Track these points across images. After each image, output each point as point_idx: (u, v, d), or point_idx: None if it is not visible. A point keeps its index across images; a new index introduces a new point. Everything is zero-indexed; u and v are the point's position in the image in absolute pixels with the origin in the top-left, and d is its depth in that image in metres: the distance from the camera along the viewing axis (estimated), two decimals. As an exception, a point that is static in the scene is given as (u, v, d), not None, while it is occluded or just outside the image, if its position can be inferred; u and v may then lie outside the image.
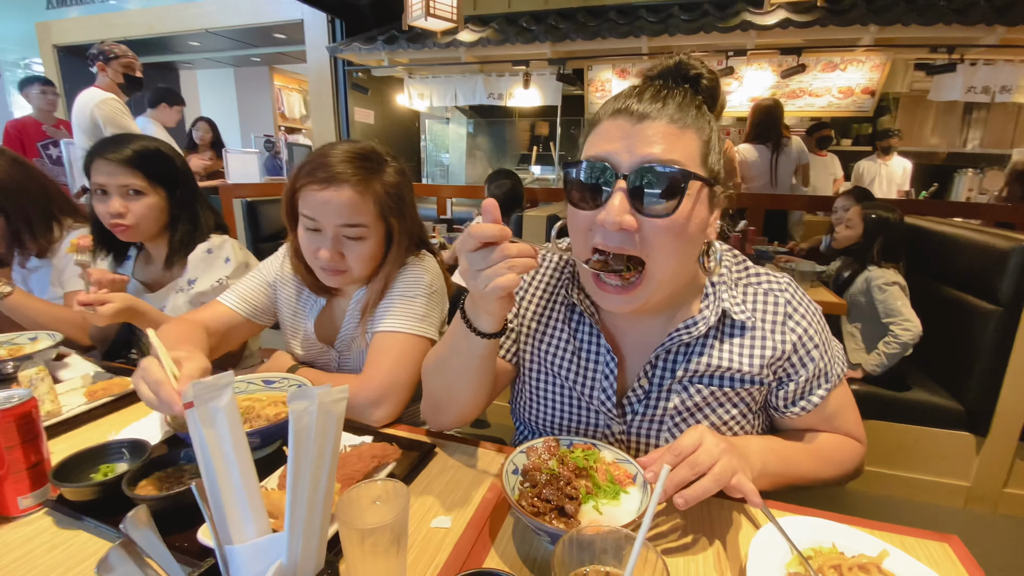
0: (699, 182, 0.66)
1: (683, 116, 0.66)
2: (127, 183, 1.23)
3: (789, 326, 0.77)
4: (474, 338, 0.71)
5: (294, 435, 0.39)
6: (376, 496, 0.56)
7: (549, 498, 0.63)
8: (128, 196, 1.24)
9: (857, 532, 0.67)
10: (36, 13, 7.04)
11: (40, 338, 1.22)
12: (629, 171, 0.64)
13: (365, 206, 0.96)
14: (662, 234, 0.65)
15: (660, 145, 0.64)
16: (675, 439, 0.76)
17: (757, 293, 0.79)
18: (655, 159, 0.63)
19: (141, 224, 1.26)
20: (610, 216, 0.63)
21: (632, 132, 0.65)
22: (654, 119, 0.65)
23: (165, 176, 1.29)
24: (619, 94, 0.70)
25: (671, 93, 0.68)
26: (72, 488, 0.70)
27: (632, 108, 0.66)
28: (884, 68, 4.05)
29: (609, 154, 0.65)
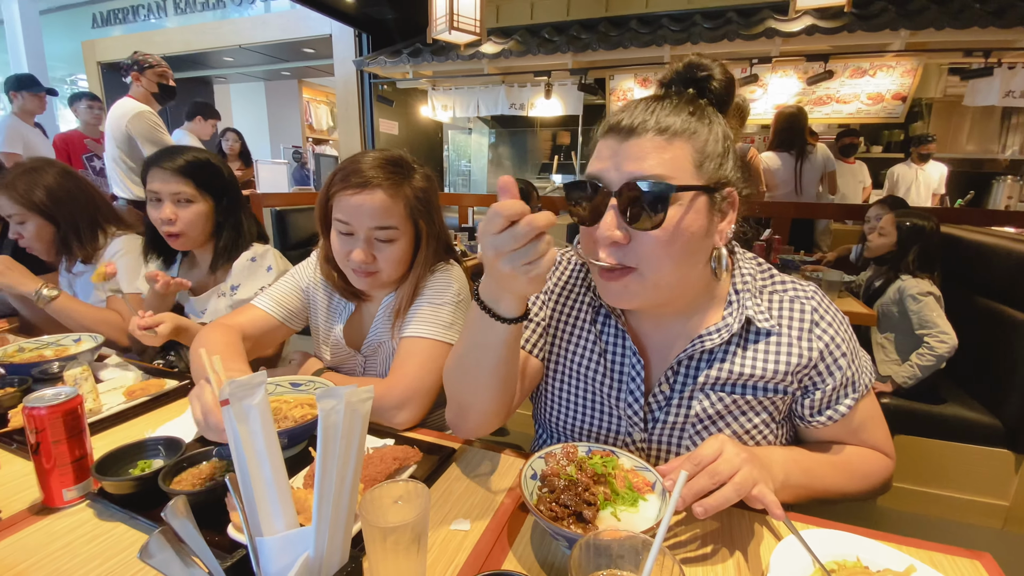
0: (688, 192, 0.66)
1: (672, 125, 0.67)
2: (178, 191, 1.32)
3: (816, 333, 0.77)
4: (496, 325, 0.69)
5: (322, 432, 0.41)
6: (398, 496, 0.58)
7: (567, 503, 0.63)
8: (179, 203, 1.33)
9: (883, 547, 0.65)
10: (83, 32, 7.45)
11: (84, 340, 1.28)
12: (617, 188, 0.66)
13: (396, 209, 1.00)
14: (652, 244, 0.67)
15: (645, 160, 0.66)
16: (696, 448, 0.76)
17: (783, 301, 0.79)
18: (638, 175, 0.66)
19: (189, 231, 1.35)
20: (603, 231, 0.67)
21: (619, 150, 0.68)
22: (640, 134, 0.67)
23: (213, 185, 1.38)
24: (615, 111, 0.73)
25: (661, 104, 0.69)
26: (112, 482, 0.74)
27: (621, 124, 0.68)
28: (916, 73, 3.94)
29: (600, 172, 0.69)
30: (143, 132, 3.08)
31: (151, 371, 1.22)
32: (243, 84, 8.65)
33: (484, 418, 0.82)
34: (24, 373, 1.12)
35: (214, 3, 6.59)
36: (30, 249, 1.53)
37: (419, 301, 1.08)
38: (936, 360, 1.94)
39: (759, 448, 0.75)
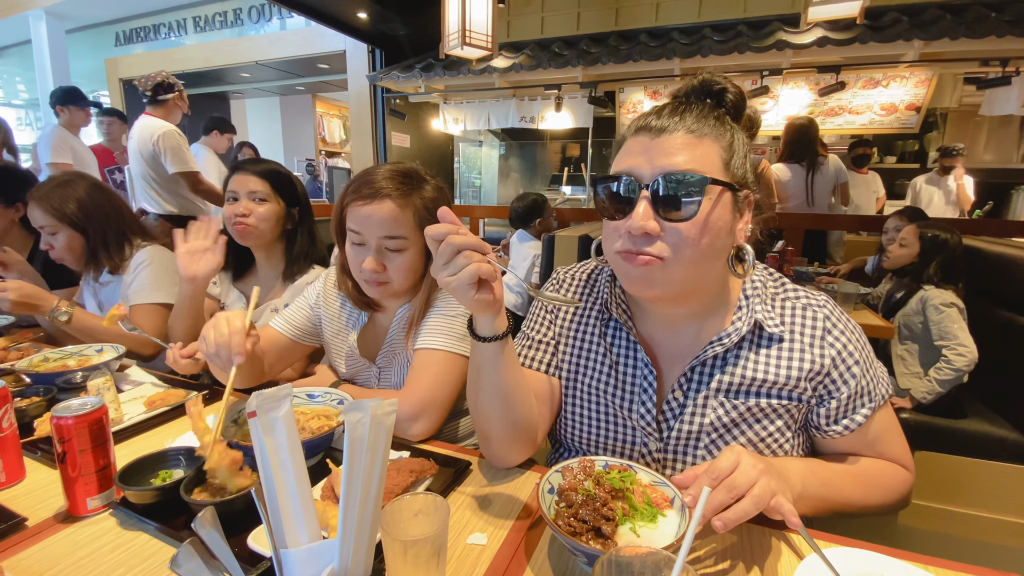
0: (718, 186, 0.69)
1: (700, 127, 0.71)
2: (255, 189, 1.42)
3: (828, 340, 0.77)
4: (479, 345, 0.75)
5: (348, 445, 0.41)
6: (418, 509, 0.58)
7: (586, 518, 0.63)
8: (254, 200, 1.42)
9: (907, 566, 0.64)
10: (106, 50, 7.68)
11: (106, 350, 1.31)
12: (650, 181, 0.69)
13: (405, 219, 1.01)
14: (681, 236, 0.69)
15: (678, 155, 0.69)
16: (712, 457, 0.77)
17: (796, 308, 0.79)
18: (672, 168, 0.68)
19: (259, 225, 1.42)
20: (635, 222, 0.68)
21: (651, 145, 0.70)
22: (672, 132, 0.70)
23: (288, 192, 1.48)
24: (642, 114, 0.76)
25: (688, 108, 0.73)
26: (135, 491, 0.75)
27: (652, 124, 0.72)
28: (930, 83, 3.91)
29: (632, 168, 0.71)
30: (173, 148, 3.20)
31: (171, 381, 1.24)
32: (259, 99, 8.84)
33: (506, 446, 0.85)
34: (48, 383, 1.14)
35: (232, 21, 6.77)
36: (60, 259, 1.57)
37: (432, 313, 1.08)
38: (955, 374, 1.90)
39: (776, 459, 0.74)
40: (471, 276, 0.65)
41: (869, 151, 4.14)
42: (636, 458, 0.84)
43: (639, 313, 0.86)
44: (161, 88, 3.32)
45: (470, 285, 0.66)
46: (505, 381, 0.78)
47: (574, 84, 4.55)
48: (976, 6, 3.60)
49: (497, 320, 0.74)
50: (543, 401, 0.89)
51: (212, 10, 6.84)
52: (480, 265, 0.65)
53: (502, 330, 0.74)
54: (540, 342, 0.93)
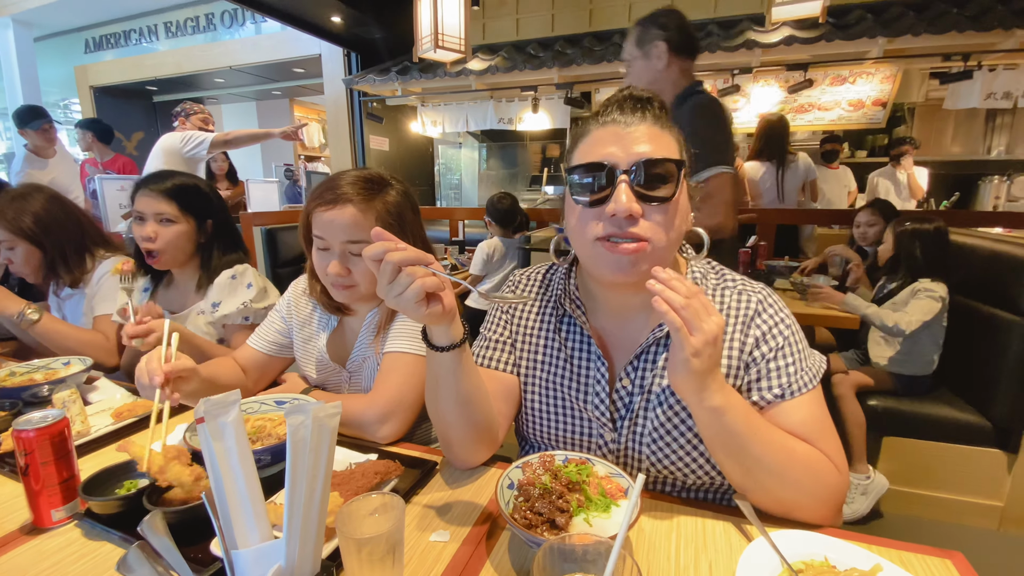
0: (681, 172, 0.75)
1: (660, 121, 0.77)
2: (161, 211, 1.36)
3: (756, 322, 0.81)
4: (435, 354, 0.75)
5: (291, 447, 0.43)
6: (373, 509, 0.59)
7: (541, 511, 0.65)
8: (161, 223, 1.37)
9: (851, 546, 0.67)
10: (75, 58, 7.51)
11: (73, 363, 1.30)
12: (629, 166, 0.73)
13: (368, 223, 1.01)
14: (659, 219, 0.73)
15: (650, 144, 0.74)
16: (658, 446, 0.81)
17: (732, 295, 0.84)
18: (648, 154, 0.73)
19: (168, 249, 1.38)
20: (620, 205, 0.71)
21: (624, 135, 0.75)
22: (639, 124, 0.75)
23: (197, 208, 1.42)
24: (600, 110, 0.81)
25: (643, 104, 0.79)
26: (99, 501, 0.75)
27: (618, 118, 0.77)
28: (895, 79, 4.02)
29: (607, 156, 0.74)
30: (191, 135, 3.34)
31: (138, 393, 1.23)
32: (235, 104, 8.73)
33: (468, 448, 0.86)
34: (15, 397, 1.13)
35: (205, 26, 6.67)
36: (18, 273, 1.55)
37: (400, 316, 1.10)
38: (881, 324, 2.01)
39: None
40: (416, 294, 0.65)
41: (839, 147, 4.23)
42: (595, 451, 0.87)
43: (592, 306, 0.89)
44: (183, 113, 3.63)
45: (418, 302, 0.66)
46: (464, 387, 0.78)
47: (550, 85, 4.59)
48: (937, 3, 3.70)
49: (452, 328, 0.74)
50: (503, 400, 0.91)
51: (184, 15, 6.74)
52: (424, 280, 0.65)
53: (458, 338, 0.74)
54: (498, 342, 0.95)
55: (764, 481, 0.72)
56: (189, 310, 1.44)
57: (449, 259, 3.51)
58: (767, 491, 0.73)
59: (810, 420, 0.76)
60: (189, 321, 1.42)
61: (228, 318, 1.40)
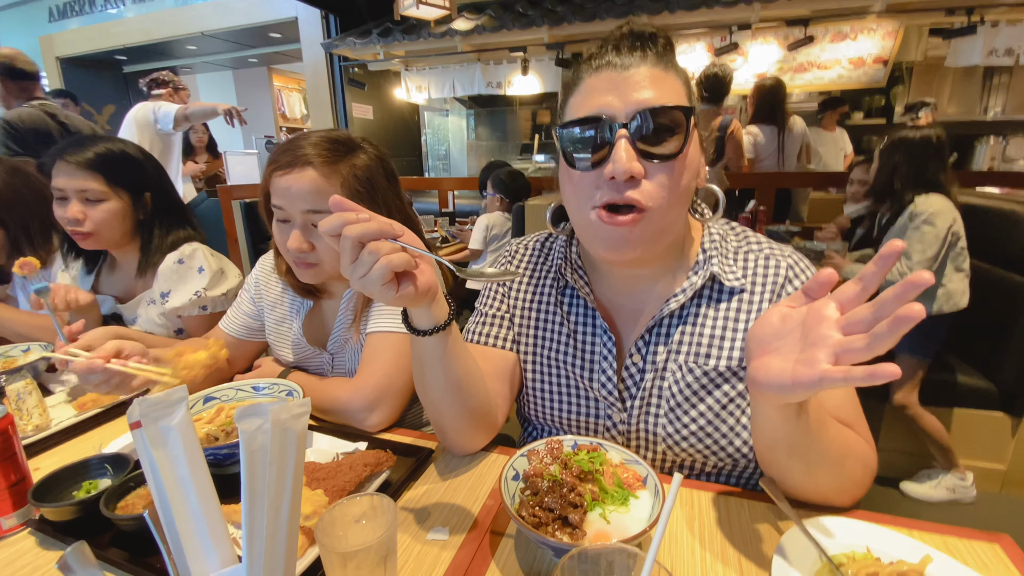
0: (692, 119, 0.64)
1: (663, 60, 0.66)
2: (85, 187, 1.15)
3: (788, 290, 0.73)
4: (418, 340, 0.66)
5: (246, 458, 0.34)
6: (360, 514, 0.51)
7: (552, 507, 0.58)
8: (87, 202, 1.17)
9: (894, 534, 0.61)
10: (39, 27, 7.10)
11: (33, 349, 1.19)
12: (628, 119, 0.62)
13: (331, 190, 0.88)
14: (669, 175, 0.63)
15: (652, 89, 0.63)
16: (674, 427, 0.74)
17: (758, 259, 0.75)
18: (651, 102, 0.62)
19: (101, 231, 1.19)
20: (619, 165, 0.61)
21: (621, 80, 0.63)
22: (639, 65, 0.64)
23: (130, 180, 1.22)
24: (592, 53, 0.68)
25: (644, 42, 0.67)
26: (51, 508, 0.67)
27: (614, 61, 0.65)
28: (897, 35, 3.88)
29: (603, 108, 0.63)
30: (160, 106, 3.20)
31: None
32: (210, 74, 8.34)
33: (464, 435, 0.78)
34: (-35, 389, 1.03)
35: (173, -12, 6.28)
36: None
37: None
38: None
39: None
40: (382, 275, 0.53)
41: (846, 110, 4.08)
42: (602, 432, 0.80)
43: (596, 277, 0.81)
44: (154, 83, 3.46)
45: (385, 284, 0.54)
46: (454, 372, 0.70)
47: (540, 46, 4.38)
48: (942, -47, 3.54)
49: (434, 309, 0.63)
50: (502, 380, 0.83)
51: (150, -23, 6.34)
52: (390, 259, 0.53)
53: (442, 320, 0.64)
54: (495, 316, 0.87)
55: (820, 475, 0.63)
56: (138, 298, 1.28)
57: (439, 231, 3.39)
58: (817, 484, 0.64)
59: (848, 400, 0.70)
60: (140, 311, 1.28)
61: (181, 310, 1.23)
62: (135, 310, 1.29)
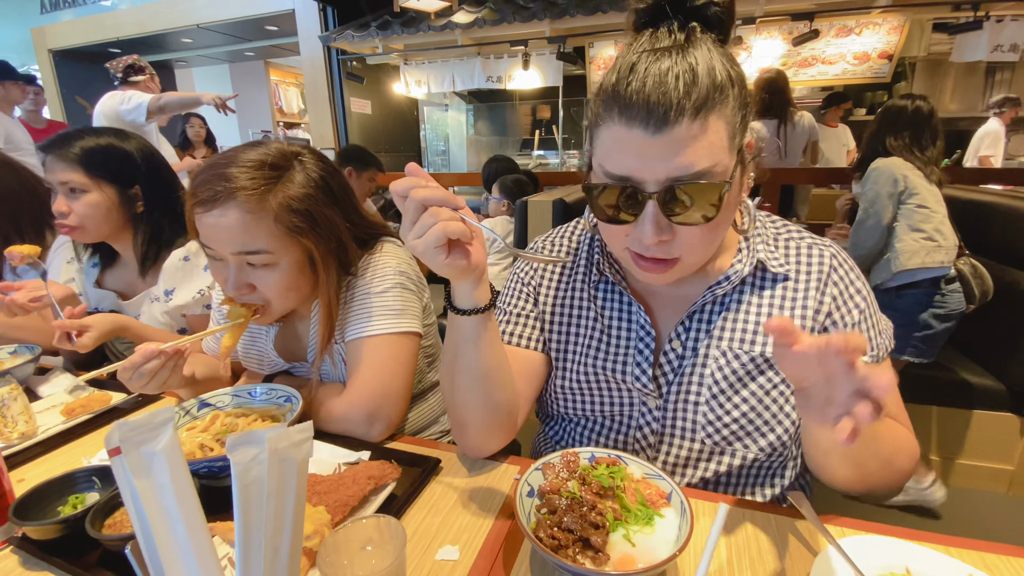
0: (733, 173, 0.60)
1: (701, 98, 0.55)
2: (67, 179, 1.12)
3: (833, 279, 0.71)
4: (457, 319, 0.67)
5: (240, 492, 0.30)
6: (366, 539, 0.47)
7: (571, 527, 0.54)
8: (70, 194, 1.14)
9: (933, 552, 0.58)
10: (31, 19, 6.99)
11: (19, 352, 1.14)
12: (657, 188, 0.58)
13: (261, 227, 0.78)
14: (700, 236, 0.62)
15: (686, 155, 0.56)
16: (714, 414, 0.71)
17: (800, 247, 0.73)
18: (683, 172, 0.57)
19: (86, 224, 1.15)
20: (645, 237, 0.60)
21: (650, 146, 0.56)
22: (673, 123, 0.55)
23: (115, 173, 1.17)
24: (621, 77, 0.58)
25: (679, 71, 0.55)
26: (32, 527, 0.63)
27: (641, 115, 0.56)
28: (903, 30, 3.83)
29: (631, 173, 0.59)
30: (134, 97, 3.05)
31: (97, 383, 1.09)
32: (206, 67, 8.22)
33: (484, 434, 0.75)
34: (-52, 394, 0.98)
35: (167, -20, 6.18)
36: None
37: (355, 296, 0.91)
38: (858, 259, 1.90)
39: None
40: (438, 237, 0.56)
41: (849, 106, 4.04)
42: (636, 418, 0.77)
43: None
44: (132, 70, 3.25)
45: (438, 248, 0.57)
46: (486, 360, 0.69)
47: (541, 39, 4.31)
48: (950, -53, 3.49)
49: (478, 290, 0.65)
50: (525, 380, 0.80)
51: (144, -33, 6.23)
52: (447, 224, 0.56)
53: (484, 302, 0.66)
54: (519, 315, 0.84)
55: (872, 473, 0.63)
56: (141, 296, 1.25)
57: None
58: (867, 480, 0.64)
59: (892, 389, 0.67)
60: (143, 309, 1.23)
61: (186, 308, 1.20)
62: (138, 307, 1.25)
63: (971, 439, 1.95)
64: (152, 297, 1.23)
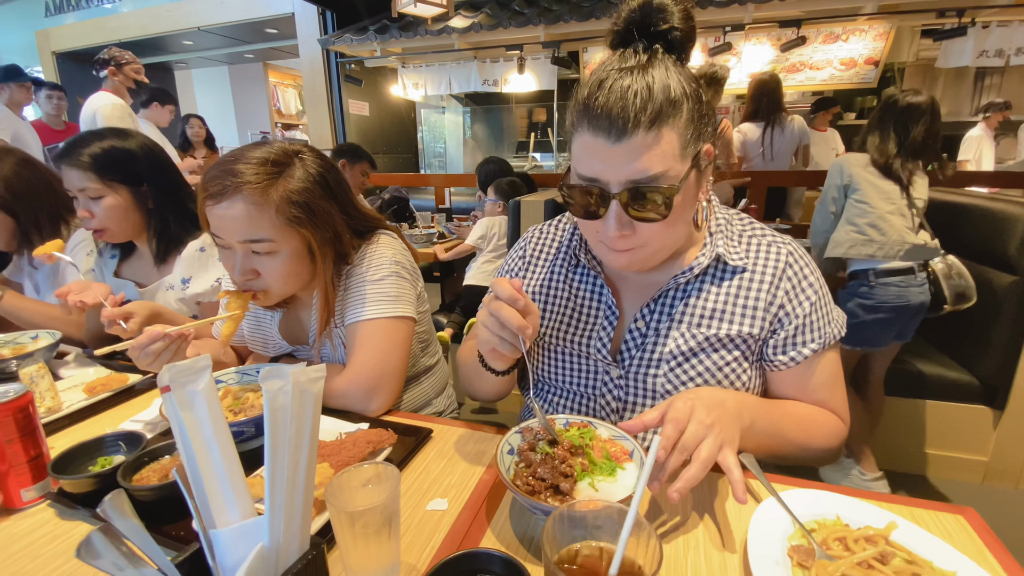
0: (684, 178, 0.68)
1: (655, 112, 0.64)
2: (83, 187, 1.20)
3: (787, 275, 0.79)
4: (486, 373, 0.82)
5: (269, 415, 0.38)
6: (366, 479, 0.55)
7: (544, 476, 0.62)
8: (89, 200, 1.22)
9: (863, 504, 0.66)
10: (35, 21, 7.06)
11: (41, 336, 1.22)
12: (618, 190, 0.67)
13: (264, 218, 0.86)
14: (657, 229, 0.70)
15: (640, 160, 0.65)
16: (671, 384, 0.79)
17: (761, 244, 0.82)
18: (638, 176, 0.66)
19: (109, 226, 1.24)
20: (609, 232, 0.70)
21: (611, 153, 0.66)
22: (630, 134, 0.64)
23: (125, 174, 1.24)
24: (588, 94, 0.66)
25: (638, 88, 0.64)
26: (70, 480, 0.71)
27: (605, 126, 0.65)
28: (888, 36, 3.93)
29: (597, 175, 0.68)
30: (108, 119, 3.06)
31: (113, 366, 1.17)
32: (206, 69, 8.30)
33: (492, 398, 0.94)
34: (-22, 374, 1.06)
35: (169, -17, 6.26)
36: None
37: (356, 282, 0.99)
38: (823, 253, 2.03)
39: (731, 394, 0.72)
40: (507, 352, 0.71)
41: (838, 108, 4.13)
42: (599, 386, 0.85)
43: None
44: (98, 64, 3.21)
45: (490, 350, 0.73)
46: (503, 387, 0.89)
47: (536, 44, 4.40)
48: (933, -44, 3.59)
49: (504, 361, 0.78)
50: None
51: (146, -29, 6.31)
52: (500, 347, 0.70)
53: (510, 366, 0.81)
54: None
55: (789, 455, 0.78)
56: (157, 284, 1.32)
57: (436, 227, 3.43)
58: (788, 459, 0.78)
59: (834, 373, 0.83)
60: (158, 296, 1.31)
61: (202, 296, 1.28)
62: (152, 296, 1.32)
63: (947, 431, 2.04)
64: (167, 285, 1.31)
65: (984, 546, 0.62)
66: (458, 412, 1.30)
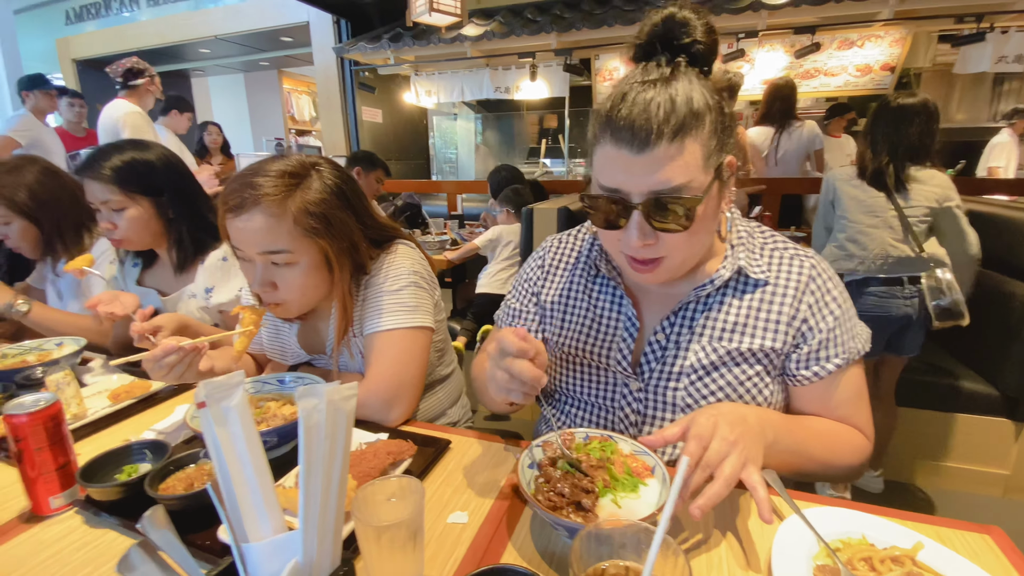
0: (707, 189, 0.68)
1: (678, 124, 0.64)
2: (106, 199, 1.22)
3: (810, 288, 0.78)
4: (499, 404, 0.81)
5: (304, 433, 0.39)
6: (391, 493, 0.56)
7: (565, 492, 0.62)
8: (111, 212, 1.24)
9: (889, 523, 0.65)
10: (56, 30, 7.24)
11: (66, 344, 1.25)
12: (640, 199, 0.67)
13: (282, 228, 0.88)
14: (678, 239, 0.70)
15: (662, 171, 0.65)
16: (691, 398, 0.79)
17: (783, 257, 0.81)
18: (661, 187, 0.66)
19: (131, 236, 1.26)
20: (631, 243, 0.70)
21: (634, 163, 0.66)
22: (652, 145, 0.64)
23: (145, 186, 1.26)
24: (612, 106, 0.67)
25: (661, 101, 0.64)
26: (98, 488, 0.72)
27: (627, 137, 0.65)
28: (905, 42, 3.90)
29: (619, 186, 0.69)
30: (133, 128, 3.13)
31: (136, 372, 1.19)
32: (222, 76, 8.46)
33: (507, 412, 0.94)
34: (7, 380, 1.09)
35: (187, -7, 6.40)
36: (16, 249, 1.49)
37: (374, 292, 1.00)
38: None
39: (754, 410, 0.71)
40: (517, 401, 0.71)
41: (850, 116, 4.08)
42: (618, 399, 0.85)
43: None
44: (131, 74, 3.27)
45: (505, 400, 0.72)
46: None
47: (549, 52, 4.43)
48: (951, -40, 3.55)
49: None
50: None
51: (165, -19, 6.45)
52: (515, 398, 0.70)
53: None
54: (520, 311, 0.95)
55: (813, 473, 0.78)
56: (180, 292, 1.34)
57: (449, 234, 3.45)
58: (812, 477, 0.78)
59: (858, 390, 0.81)
60: (181, 304, 1.33)
61: (225, 306, 1.30)
62: (175, 304, 1.34)
63: (967, 443, 2.00)
64: (189, 294, 1.32)
65: (1011, 565, 0.61)
66: (472, 421, 1.30)
